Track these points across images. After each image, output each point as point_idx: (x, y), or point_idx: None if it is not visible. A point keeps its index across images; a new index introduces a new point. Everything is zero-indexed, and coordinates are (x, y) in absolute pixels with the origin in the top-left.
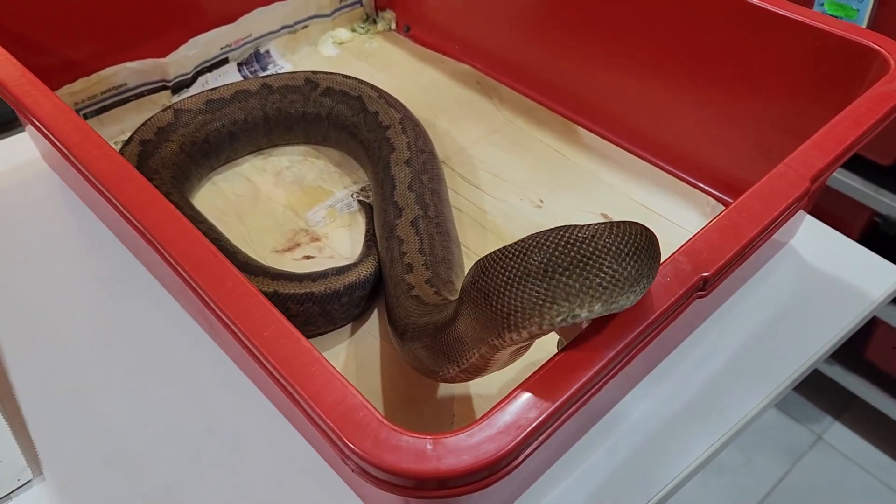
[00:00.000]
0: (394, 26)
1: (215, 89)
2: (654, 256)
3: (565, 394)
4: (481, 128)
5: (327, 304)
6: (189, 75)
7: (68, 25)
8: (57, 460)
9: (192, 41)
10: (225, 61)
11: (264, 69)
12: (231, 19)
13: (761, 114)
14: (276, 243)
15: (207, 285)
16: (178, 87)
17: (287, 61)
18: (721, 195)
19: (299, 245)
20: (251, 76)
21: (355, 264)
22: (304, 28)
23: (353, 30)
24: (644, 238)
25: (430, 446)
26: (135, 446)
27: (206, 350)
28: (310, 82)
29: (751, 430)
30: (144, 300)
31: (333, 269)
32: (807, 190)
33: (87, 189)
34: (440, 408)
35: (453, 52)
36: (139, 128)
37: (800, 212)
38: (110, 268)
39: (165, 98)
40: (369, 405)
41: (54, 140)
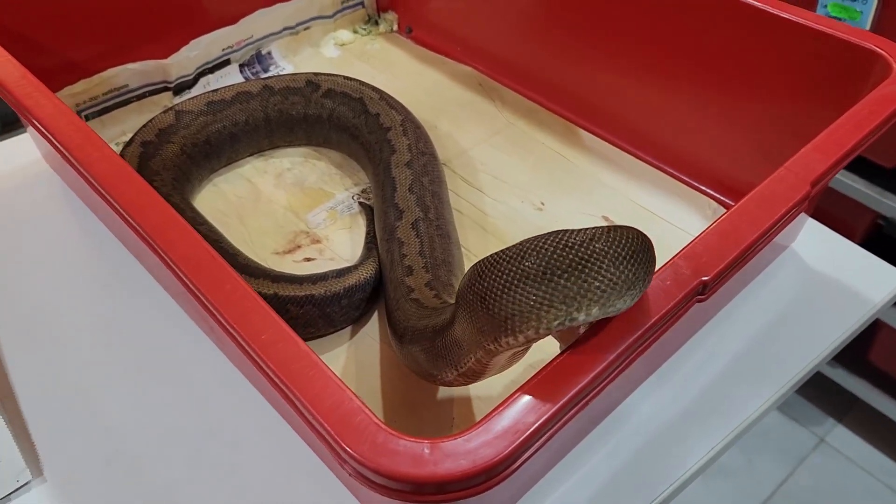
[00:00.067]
0: (395, 28)
1: (217, 91)
2: (650, 260)
3: (563, 398)
4: (482, 130)
5: (327, 306)
6: (191, 76)
7: (70, 26)
8: (57, 461)
9: (193, 42)
10: (227, 62)
11: (266, 70)
12: (233, 20)
13: (763, 116)
14: (277, 245)
15: (206, 288)
16: (179, 89)
17: (289, 62)
18: (722, 198)
19: (300, 247)
20: (253, 77)
21: (355, 266)
22: (305, 29)
23: (355, 31)
24: (640, 242)
25: (427, 451)
26: (135, 447)
27: (206, 351)
28: (311, 84)
29: (753, 432)
30: (145, 301)
31: (333, 271)
32: (807, 194)
33: (88, 191)
34: (440, 411)
35: (455, 54)
36: (140, 129)
37: (801, 215)
38: (111, 269)
39: (167, 99)
40: (367, 409)
41: (55, 142)
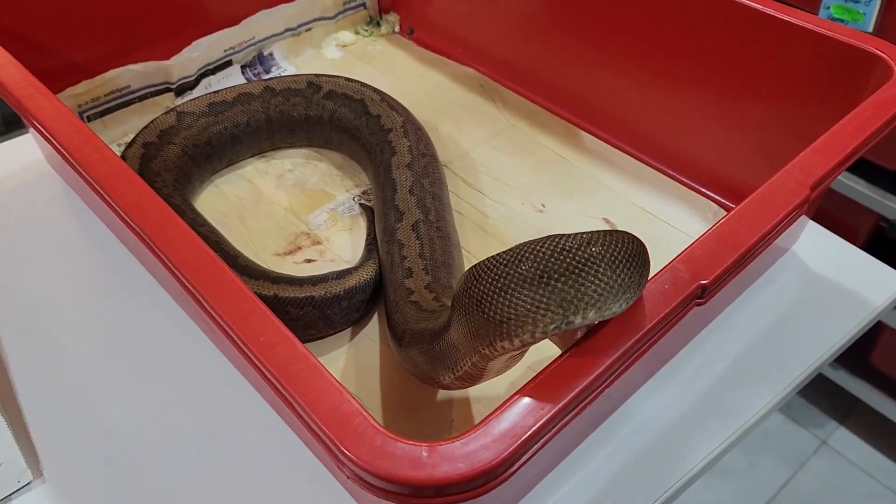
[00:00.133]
0: (397, 29)
1: (218, 92)
2: (645, 264)
3: (562, 401)
4: (483, 131)
5: (327, 308)
6: (192, 78)
7: (72, 27)
8: (57, 461)
9: (195, 43)
10: (228, 64)
11: (268, 72)
12: (235, 22)
13: (764, 118)
14: (278, 246)
15: (205, 289)
16: (181, 90)
17: (290, 64)
18: (723, 200)
19: (300, 248)
20: (254, 79)
21: (356, 268)
22: (307, 30)
23: (357, 32)
24: (635, 246)
25: (425, 454)
26: (134, 447)
27: (206, 351)
28: (312, 85)
29: (754, 434)
30: (145, 301)
31: (334, 272)
32: (807, 197)
33: (89, 192)
34: (440, 413)
35: (456, 55)
36: (142, 130)
37: (802, 217)
38: (112, 269)
39: (169, 100)
40: (365, 412)
41: (55, 143)
